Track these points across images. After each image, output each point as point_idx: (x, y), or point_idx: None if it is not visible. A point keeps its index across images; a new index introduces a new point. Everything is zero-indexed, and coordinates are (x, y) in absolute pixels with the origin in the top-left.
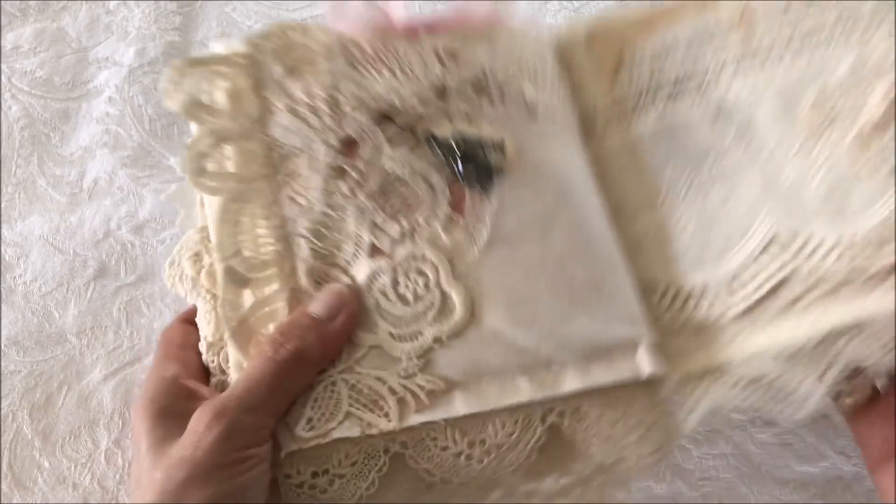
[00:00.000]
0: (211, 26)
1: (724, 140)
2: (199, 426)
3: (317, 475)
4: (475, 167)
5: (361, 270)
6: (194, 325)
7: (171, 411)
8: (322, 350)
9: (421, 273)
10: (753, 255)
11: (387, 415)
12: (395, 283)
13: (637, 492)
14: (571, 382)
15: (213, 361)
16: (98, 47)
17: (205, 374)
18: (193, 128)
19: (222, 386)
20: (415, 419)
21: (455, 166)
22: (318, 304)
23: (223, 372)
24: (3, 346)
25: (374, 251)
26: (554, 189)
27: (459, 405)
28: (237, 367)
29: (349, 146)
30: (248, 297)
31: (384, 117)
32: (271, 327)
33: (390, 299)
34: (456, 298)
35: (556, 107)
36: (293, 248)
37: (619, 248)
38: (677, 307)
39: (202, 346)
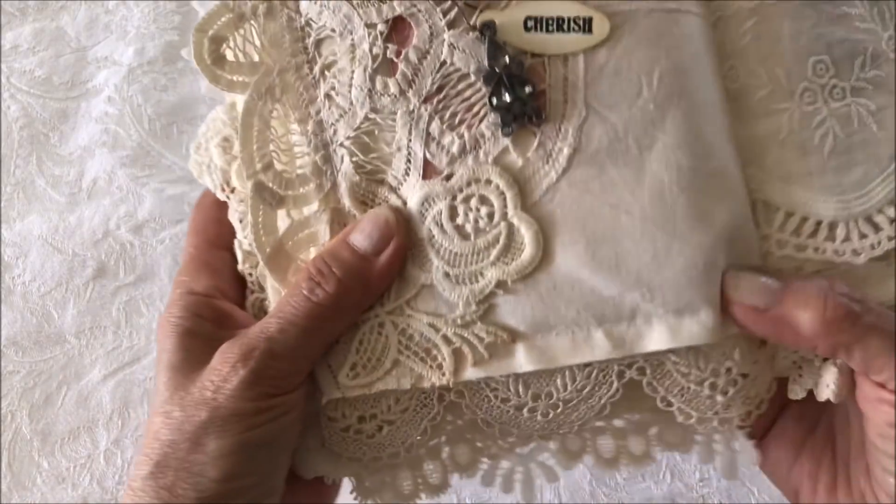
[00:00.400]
0: None
1: (879, 35)
2: (224, 366)
3: (363, 420)
4: (513, 102)
5: (413, 193)
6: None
7: (197, 333)
8: (364, 291)
9: (484, 200)
10: None
11: (440, 367)
12: (453, 213)
13: (637, 493)
14: (658, 340)
15: (250, 274)
16: (97, 47)
17: (240, 281)
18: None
19: (259, 306)
20: (471, 374)
21: (494, 91)
22: (360, 235)
23: (261, 288)
24: (2, 347)
25: (429, 169)
26: (663, 81)
27: (523, 361)
28: (276, 294)
29: (399, 28)
30: (282, 217)
31: None
32: (312, 251)
33: (446, 231)
34: (525, 233)
35: None
36: (333, 159)
37: (737, 163)
38: (799, 240)
39: (238, 252)
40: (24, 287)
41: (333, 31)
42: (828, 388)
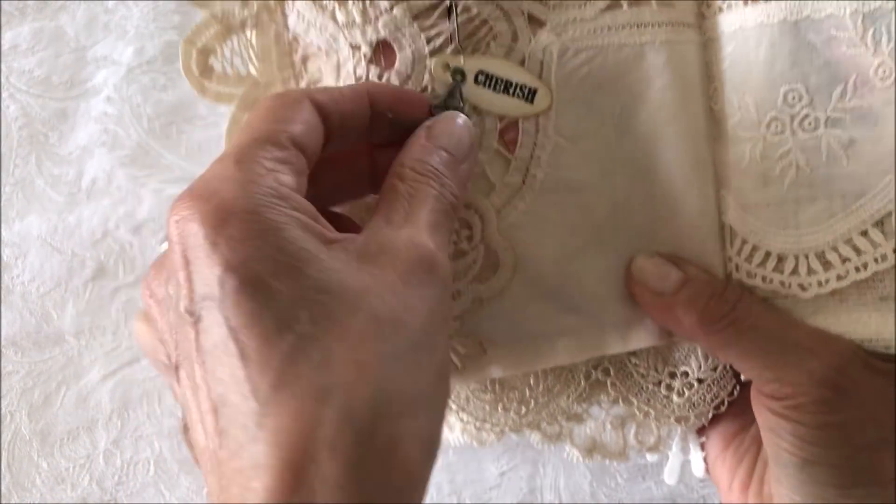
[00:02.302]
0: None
1: (868, 62)
2: None
3: None
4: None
5: None
6: None
7: None
8: None
9: (465, 224)
10: (861, 227)
11: None
12: None
13: (637, 493)
14: (613, 345)
15: None
16: (96, 46)
17: None
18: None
19: None
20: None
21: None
22: None
23: None
24: (1, 347)
25: None
26: (623, 114)
27: (494, 369)
28: None
29: (384, 51)
30: None
31: (429, 13)
32: None
33: None
34: (502, 255)
35: None
36: None
37: (707, 185)
38: (750, 267)
39: None
40: (23, 287)
41: (319, 48)
42: None
